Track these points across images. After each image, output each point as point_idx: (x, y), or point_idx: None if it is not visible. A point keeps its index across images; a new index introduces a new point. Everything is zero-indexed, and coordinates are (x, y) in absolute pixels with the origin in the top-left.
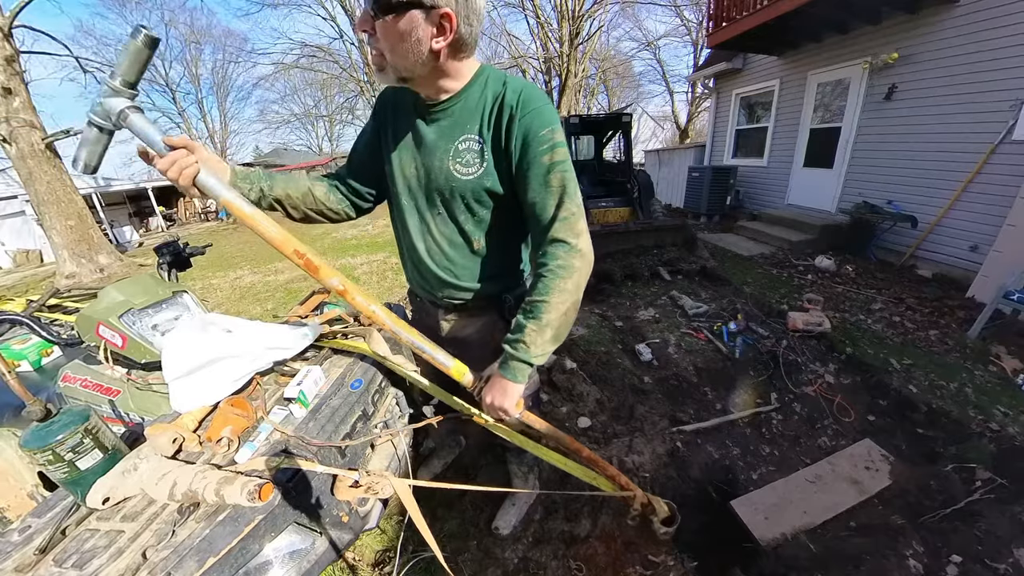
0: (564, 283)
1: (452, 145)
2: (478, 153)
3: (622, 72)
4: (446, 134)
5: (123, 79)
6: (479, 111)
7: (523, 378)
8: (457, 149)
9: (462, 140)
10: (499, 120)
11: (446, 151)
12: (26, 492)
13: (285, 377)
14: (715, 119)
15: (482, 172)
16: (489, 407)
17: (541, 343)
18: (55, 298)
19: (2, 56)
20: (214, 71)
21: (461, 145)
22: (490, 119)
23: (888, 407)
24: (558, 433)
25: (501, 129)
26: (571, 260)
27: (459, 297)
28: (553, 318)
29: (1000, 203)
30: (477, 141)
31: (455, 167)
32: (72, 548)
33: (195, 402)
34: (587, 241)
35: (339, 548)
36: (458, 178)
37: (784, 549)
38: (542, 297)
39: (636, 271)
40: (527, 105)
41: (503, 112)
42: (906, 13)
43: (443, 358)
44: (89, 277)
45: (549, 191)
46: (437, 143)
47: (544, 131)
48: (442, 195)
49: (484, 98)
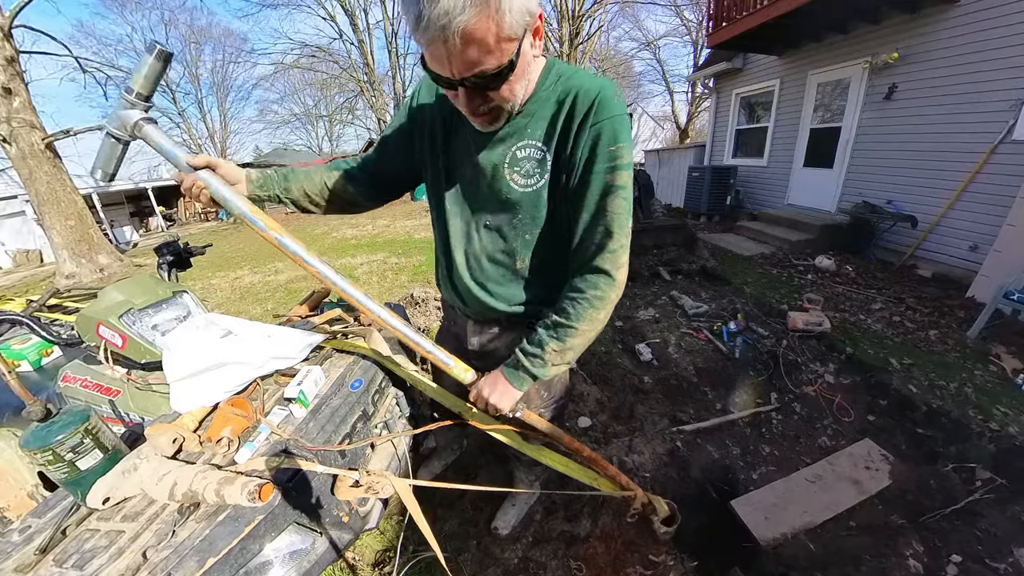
0: (597, 313)
1: (511, 151)
2: (539, 163)
3: (622, 72)
4: (504, 140)
5: (138, 92)
6: (545, 113)
7: (526, 387)
8: (516, 156)
9: (522, 146)
10: (568, 124)
11: (502, 156)
12: (26, 492)
13: (285, 377)
14: (715, 119)
15: (541, 185)
16: (481, 399)
17: (560, 362)
18: (55, 298)
19: (2, 56)
20: (214, 71)
21: (520, 152)
22: (555, 123)
23: (888, 407)
24: (559, 432)
25: (569, 134)
26: (609, 293)
27: (490, 315)
28: (578, 343)
29: (1000, 203)
30: (539, 149)
31: (512, 176)
32: (72, 548)
33: (195, 403)
34: (625, 273)
35: (339, 548)
36: (515, 189)
37: (784, 549)
38: (573, 323)
39: (636, 271)
40: (602, 111)
41: (573, 115)
42: (906, 13)
43: (444, 356)
44: (89, 277)
45: (601, 215)
46: (495, 148)
47: (613, 147)
48: (493, 206)
49: (551, 99)
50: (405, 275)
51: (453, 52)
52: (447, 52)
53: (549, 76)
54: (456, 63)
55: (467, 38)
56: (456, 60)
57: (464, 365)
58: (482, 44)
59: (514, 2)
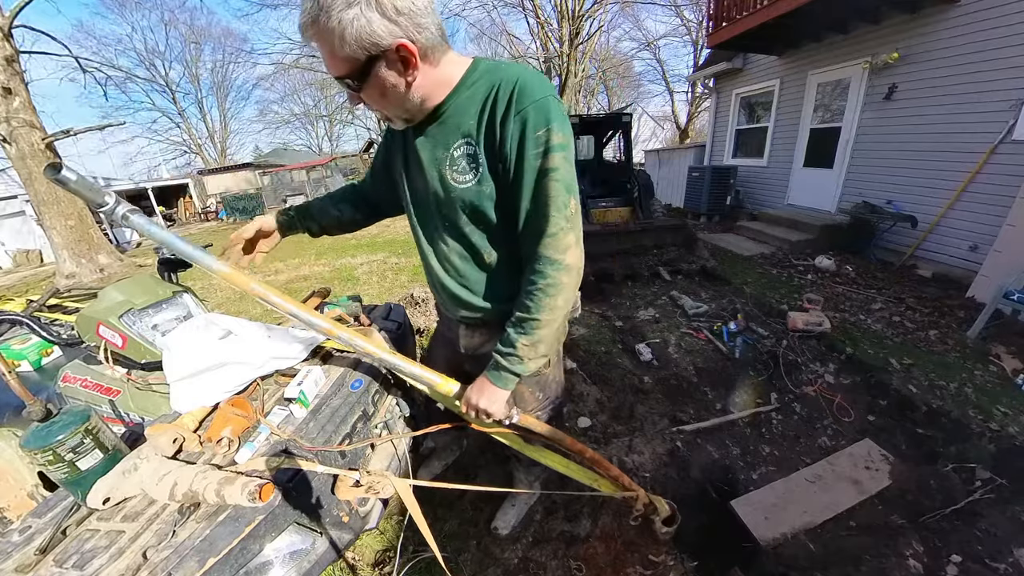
0: (553, 300)
1: (448, 153)
2: (472, 158)
3: (622, 72)
4: (441, 142)
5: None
6: (472, 110)
7: (511, 386)
8: (452, 156)
9: (457, 146)
10: (492, 118)
11: (443, 160)
12: (26, 492)
13: (286, 377)
14: (715, 119)
15: (478, 179)
16: (471, 406)
17: (534, 355)
18: (55, 298)
19: (2, 56)
20: (214, 71)
21: (456, 152)
22: (482, 117)
23: (888, 407)
24: (559, 434)
25: (495, 128)
26: (559, 278)
27: (475, 316)
28: (545, 334)
29: (1000, 203)
30: (471, 145)
31: (452, 176)
32: (72, 548)
33: (195, 403)
34: (575, 255)
35: (339, 548)
36: (456, 187)
37: (784, 549)
38: (533, 316)
39: (636, 271)
40: (523, 98)
41: (496, 108)
42: (906, 13)
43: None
44: (89, 277)
45: (538, 201)
46: (434, 152)
47: (540, 131)
48: (447, 208)
49: (475, 95)
50: (405, 275)
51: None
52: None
53: (473, 74)
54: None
55: (318, 43)
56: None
57: (448, 380)
58: (326, 52)
59: (346, 29)
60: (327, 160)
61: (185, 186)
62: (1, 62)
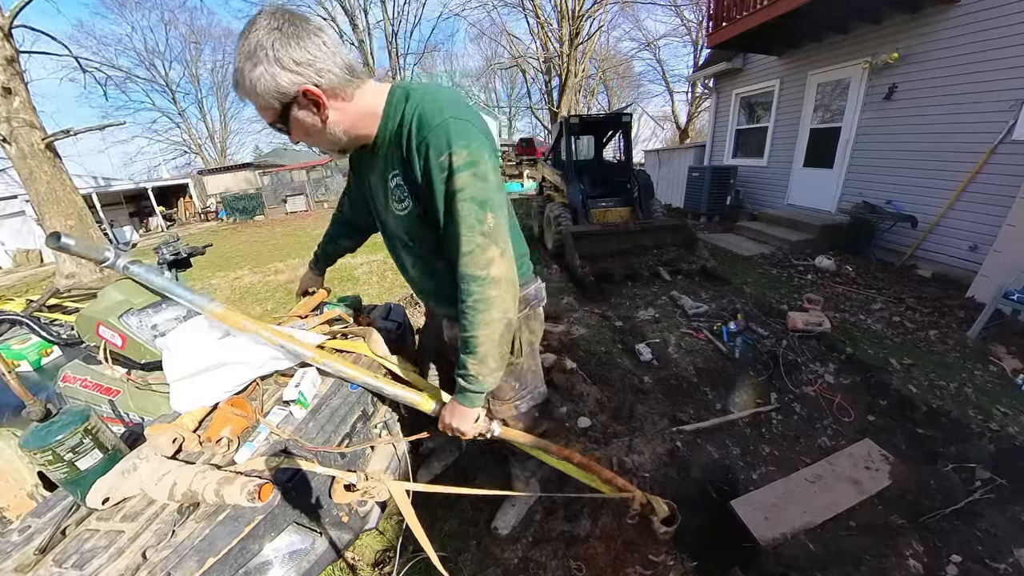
0: (487, 315)
1: (386, 183)
2: (403, 188)
3: (622, 72)
4: (380, 172)
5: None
6: (396, 142)
7: (479, 403)
8: (389, 187)
9: (391, 176)
10: (407, 151)
11: (385, 192)
12: (26, 492)
13: (285, 377)
14: (715, 119)
15: (412, 206)
16: (446, 427)
17: (487, 372)
18: (55, 298)
19: (2, 56)
20: (214, 71)
21: (392, 182)
22: (399, 152)
23: (888, 407)
24: (543, 443)
25: (410, 160)
26: (486, 292)
27: (447, 312)
28: (489, 349)
29: (1000, 203)
30: (399, 176)
31: (392, 204)
32: (72, 548)
33: (195, 403)
34: (501, 266)
35: (339, 548)
36: (397, 214)
37: (784, 549)
38: (471, 333)
39: (636, 271)
40: (422, 128)
41: (408, 141)
42: (906, 13)
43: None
44: (89, 277)
45: (452, 223)
46: (379, 181)
47: (442, 156)
48: (393, 227)
49: (391, 128)
50: None
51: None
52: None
53: (390, 106)
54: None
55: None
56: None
57: (428, 398)
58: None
59: (257, 85)
60: (327, 160)
61: (185, 186)
62: (1, 62)
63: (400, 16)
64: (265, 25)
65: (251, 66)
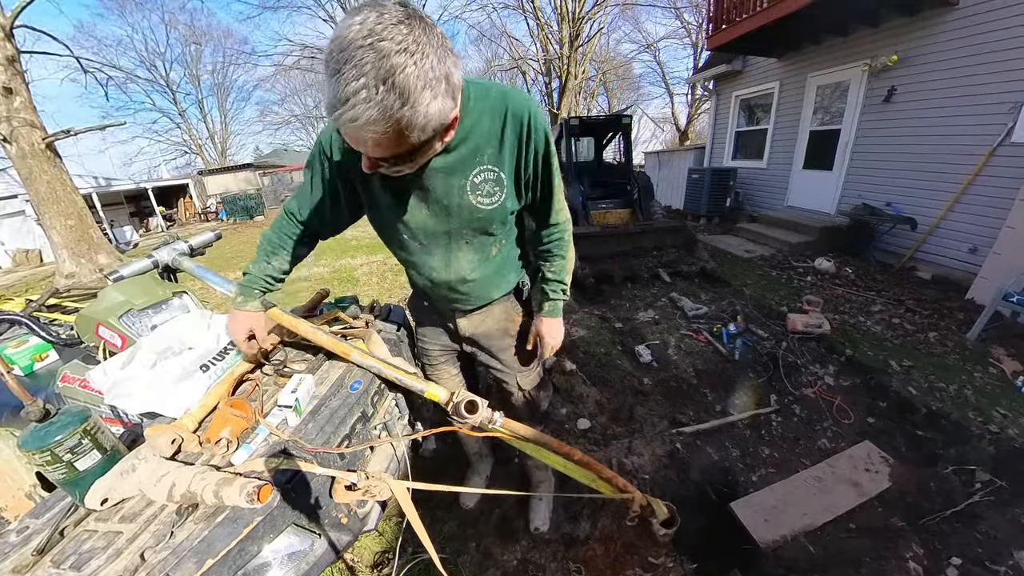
0: (570, 247)
1: (466, 181)
2: (496, 182)
3: (622, 74)
4: (456, 171)
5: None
6: (485, 138)
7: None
8: (474, 183)
9: (476, 173)
10: (519, 138)
11: (462, 188)
12: (24, 492)
13: (284, 378)
14: (715, 121)
15: (504, 197)
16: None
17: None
18: (54, 298)
19: (3, 56)
20: (214, 72)
21: (476, 178)
22: (502, 141)
23: (888, 409)
24: (544, 437)
25: (522, 146)
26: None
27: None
28: (570, 269)
29: (999, 205)
30: (492, 170)
31: (477, 200)
32: (70, 549)
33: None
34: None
35: (338, 549)
36: (482, 208)
37: (784, 551)
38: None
39: (636, 273)
40: (534, 115)
41: (520, 129)
42: (905, 16)
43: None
44: (88, 277)
45: (555, 184)
46: (449, 181)
47: (547, 143)
48: (467, 228)
49: (483, 122)
50: (404, 276)
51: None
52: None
53: (468, 103)
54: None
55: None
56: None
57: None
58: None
59: (431, 120)
60: None
61: (185, 186)
62: (2, 62)
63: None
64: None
65: (429, 97)
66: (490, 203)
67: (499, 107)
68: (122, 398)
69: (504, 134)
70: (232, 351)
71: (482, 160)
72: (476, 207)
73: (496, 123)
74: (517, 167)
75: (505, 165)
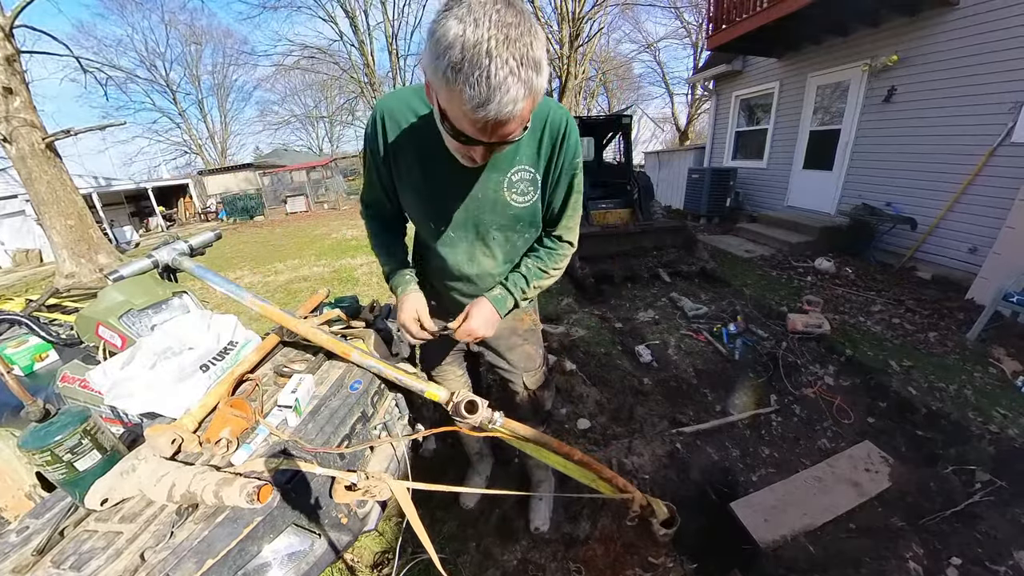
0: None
1: (505, 177)
2: (531, 182)
3: (622, 74)
4: (498, 167)
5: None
6: (527, 139)
7: (505, 314)
8: (511, 180)
9: (515, 172)
10: (553, 143)
11: (499, 183)
12: (24, 492)
13: (283, 378)
14: (715, 121)
15: (536, 198)
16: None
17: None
18: (54, 298)
19: (3, 56)
20: (214, 72)
21: (515, 176)
22: (540, 148)
23: (888, 409)
24: (544, 437)
25: (554, 152)
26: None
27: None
28: (543, 285)
29: (999, 205)
30: (530, 171)
31: (512, 197)
32: (70, 549)
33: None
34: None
35: (338, 550)
36: (516, 207)
37: (784, 551)
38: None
39: (636, 273)
40: (571, 126)
41: (555, 136)
42: (905, 16)
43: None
44: (88, 277)
45: (572, 199)
46: (489, 178)
47: (580, 151)
48: (498, 224)
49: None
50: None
51: (499, 129)
52: (494, 128)
53: None
54: (496, 135)
55: (518, 119)
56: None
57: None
58: (516, 124)
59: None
60: (327, 161)
61: (185, 186)
62: (2, 62)
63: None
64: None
65: (535, 74)
66: (523, 201)
67: (542, 111)
68: (122, 398)
69: (542, 138)
70: (232, 351)
71: (521, 160)
72: (510, 203)
73: (537, 126)
74: (546, 171)
75: (540, 167)
